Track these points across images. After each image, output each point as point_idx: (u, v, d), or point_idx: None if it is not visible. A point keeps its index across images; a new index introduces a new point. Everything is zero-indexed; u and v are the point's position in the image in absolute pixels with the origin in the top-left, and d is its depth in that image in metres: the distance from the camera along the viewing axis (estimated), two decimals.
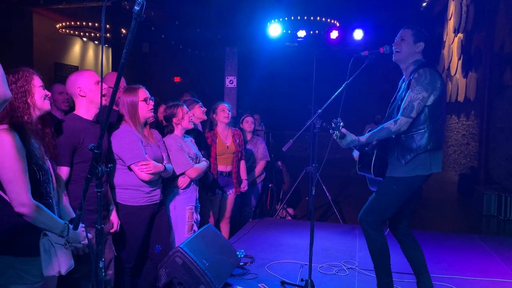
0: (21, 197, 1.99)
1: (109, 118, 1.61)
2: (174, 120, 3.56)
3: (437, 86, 2.85)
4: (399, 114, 2.87)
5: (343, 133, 2.82)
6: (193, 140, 3.83)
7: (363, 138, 2.91)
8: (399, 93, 3.05)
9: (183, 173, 3.49)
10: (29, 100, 2.13)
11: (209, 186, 4.30)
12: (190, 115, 3.63)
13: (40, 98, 2.17)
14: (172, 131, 3.59)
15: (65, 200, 2.42)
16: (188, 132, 3.79)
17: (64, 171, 2.48)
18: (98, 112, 2.65)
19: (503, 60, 8.33)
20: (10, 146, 1.98)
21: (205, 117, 4.08)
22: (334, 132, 2.80)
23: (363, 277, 3.75)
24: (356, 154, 3.22)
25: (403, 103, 2.87)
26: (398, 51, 3.02)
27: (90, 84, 2.63)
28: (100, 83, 2.69)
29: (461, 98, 10.83)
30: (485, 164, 8.69)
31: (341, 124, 2.79)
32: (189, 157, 3.54)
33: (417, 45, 2.99)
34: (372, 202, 3.05)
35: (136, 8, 1.47)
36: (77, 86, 2.61)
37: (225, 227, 4.75)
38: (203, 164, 3.69)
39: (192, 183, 3.61)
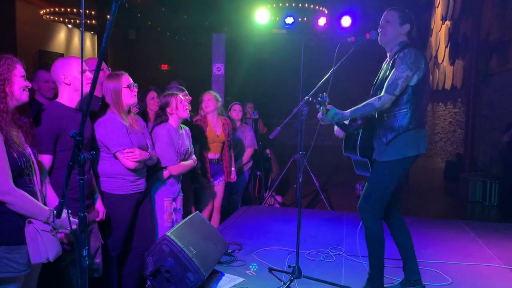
0: (2, 185, 1.97)
1: (90, 105, 1.58)
2: (168, 109, 3.50)
3: (421, 66, 2.86)
4: (383, 91, 2.87)
5: (327, 109, 2.80)
6: (189, 133, 3.77)
7: (346, 112, 2.90)
8: (383, 73, 3.05)
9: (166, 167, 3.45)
10: (7, 89, 2.08)
11: (198, 174, 4.27)
12: (185, 104, 3.56)
13: (19, 89, 2.12)
14: (166, 120, 3.52)
15: (49, 188, 2.38)
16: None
17: (46, 159, 2.43)
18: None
19: (489, 48, 8.39)
20: None
21: (189, 107, 4.02)
22: (320, 107, 2.77)
23: (350, 263, 3.78)
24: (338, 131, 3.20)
25: (387, 81, 2.87)
26: (384, 33, 3.00)
27: (76, 72, 2.55)
28: (86, 72, 2.64)
29: (448, 85, 10.90)
30: (470, 151, 8.79)
31: (327, 100, 2.77)
32: (179, 152, 3.47)
33: (403, 27, 2.97)
34: (368, 189, 3.03)
35: None
36: (62, 74, 2.55)
37: (215, 216, 4.74)
38: (189, 162, 3.64)
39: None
